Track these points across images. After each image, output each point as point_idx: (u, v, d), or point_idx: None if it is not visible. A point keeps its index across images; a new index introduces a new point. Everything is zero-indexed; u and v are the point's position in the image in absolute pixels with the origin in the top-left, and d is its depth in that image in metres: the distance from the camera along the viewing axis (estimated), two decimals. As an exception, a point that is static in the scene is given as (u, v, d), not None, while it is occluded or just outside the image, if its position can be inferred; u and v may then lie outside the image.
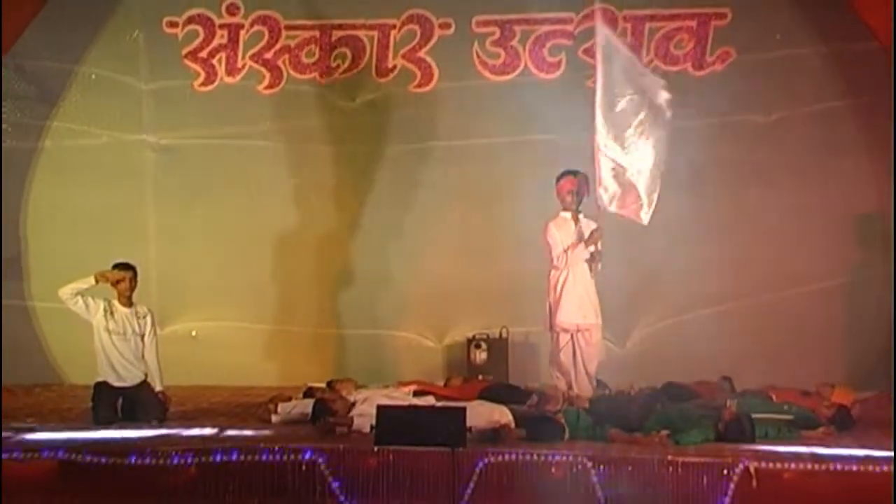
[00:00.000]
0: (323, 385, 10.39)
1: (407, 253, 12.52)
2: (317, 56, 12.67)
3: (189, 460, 8.18)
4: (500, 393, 10.05)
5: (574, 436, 8.85)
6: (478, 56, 12.50)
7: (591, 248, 10.16)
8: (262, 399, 10.21)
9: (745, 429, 8.79)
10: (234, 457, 8.19)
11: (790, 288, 12.06)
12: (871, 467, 7.92)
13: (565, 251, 10.16)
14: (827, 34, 12.06)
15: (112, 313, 9.92)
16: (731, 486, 7.89)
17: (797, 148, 12.13)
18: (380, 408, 8.33)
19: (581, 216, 10.34)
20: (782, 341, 11.73)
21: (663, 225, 11.83)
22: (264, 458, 8.19)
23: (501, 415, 9.15)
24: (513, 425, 9.01)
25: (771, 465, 7.95)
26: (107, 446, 8.46)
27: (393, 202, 12.49)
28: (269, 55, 12.67)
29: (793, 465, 7.95)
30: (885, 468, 7.88)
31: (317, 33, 12.66)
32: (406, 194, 12.51)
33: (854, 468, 7.92)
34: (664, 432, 8.82)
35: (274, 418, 9.68)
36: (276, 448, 8.24)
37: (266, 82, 12.71)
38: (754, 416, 8.98)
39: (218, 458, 8.19)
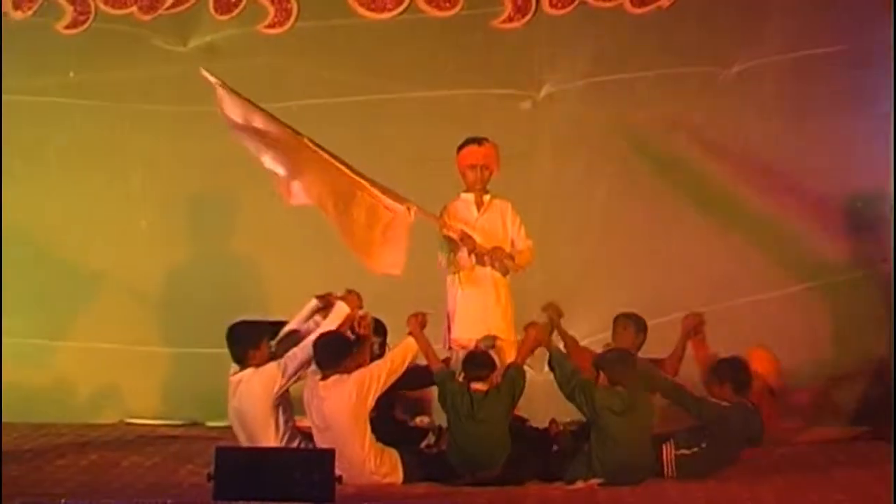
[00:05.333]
0: None
1: (251, 250, 12.59)
2: (136, -15, 12.62)
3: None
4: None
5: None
6: (351, -14, 12.53)
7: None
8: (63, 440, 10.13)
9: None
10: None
11: (756, 293, 12.21)
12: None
13: (461, 244, 10.13)
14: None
15: None
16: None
17: (766, 108, 12.25)
18: (219, 450, 8.30)
19: (487, 198, 10.36)
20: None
21: (589, 219, 12.02)
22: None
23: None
24: (401, 474, 9.30)
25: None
26: None
27: (238, 179, 12.38)
28: (72, -17, 12.62)
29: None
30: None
31: (136, -45, 12.63)
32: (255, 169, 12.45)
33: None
34: (594, 481, 8.90)
35: None
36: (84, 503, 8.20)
37: (67, 19, 12.66)
38: None
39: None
